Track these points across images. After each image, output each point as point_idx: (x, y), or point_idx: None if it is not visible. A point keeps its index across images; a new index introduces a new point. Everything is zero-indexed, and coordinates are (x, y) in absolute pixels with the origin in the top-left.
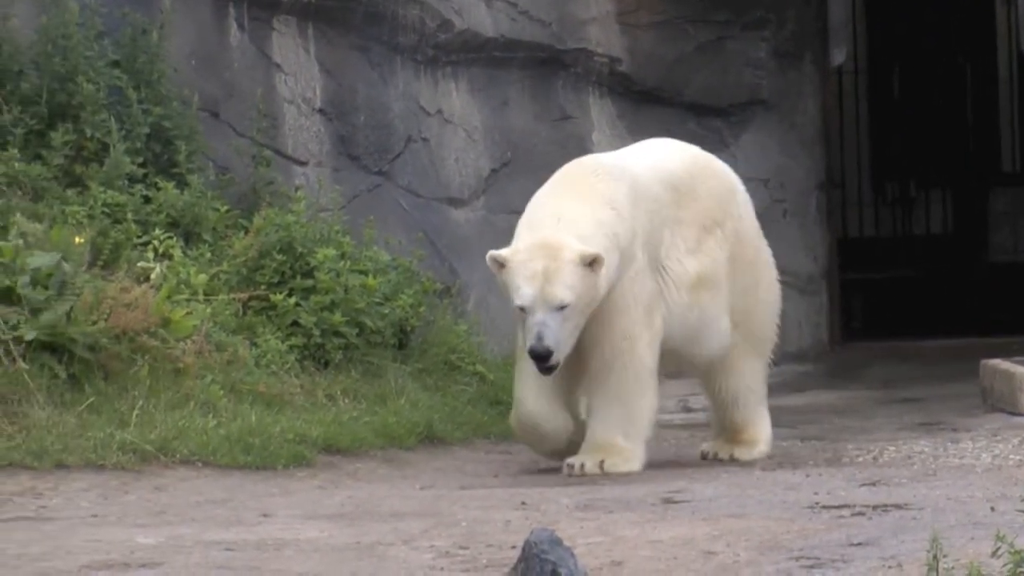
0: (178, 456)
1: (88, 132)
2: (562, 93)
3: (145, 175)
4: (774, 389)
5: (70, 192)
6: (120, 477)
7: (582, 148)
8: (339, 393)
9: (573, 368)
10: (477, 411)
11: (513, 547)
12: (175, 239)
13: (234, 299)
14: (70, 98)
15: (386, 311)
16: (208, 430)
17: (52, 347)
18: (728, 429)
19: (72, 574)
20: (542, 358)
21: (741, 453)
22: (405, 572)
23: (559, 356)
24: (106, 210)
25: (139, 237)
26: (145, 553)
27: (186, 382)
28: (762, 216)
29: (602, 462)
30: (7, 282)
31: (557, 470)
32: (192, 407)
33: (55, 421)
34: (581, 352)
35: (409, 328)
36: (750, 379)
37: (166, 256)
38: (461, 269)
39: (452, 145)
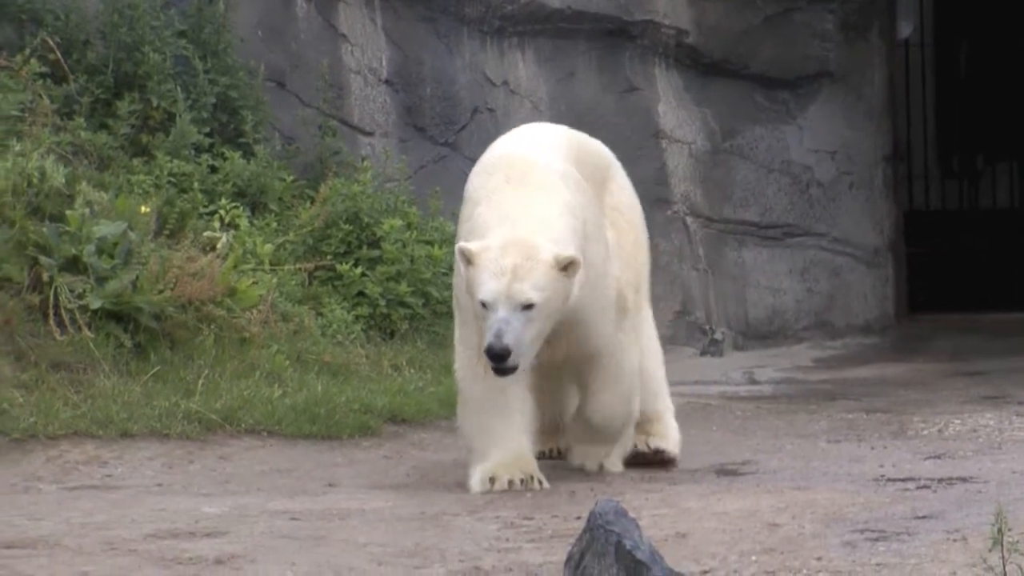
0: (243, 426)
1: (154, 101)
2: (629, 65)
3: (211, 145)
4: (840, 361)
5: (136, 161)
6: (185, 446)
7: (649, 120)
8: (404, 363)
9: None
10: None
11: (578, 518)
12: (241, 209)
13: (300, 269)
14: (136, 67)
15: (452, 281)
16: (273, 400)
17: (118, 316)
18: (639, 420)
19: (137, 543)
20: (499, 357)
21: (658, 442)
22: (470, 542)
23: (516, 359)
24: (172, 179)
25: (205, 206)
26: (210, 522)
27: (251, 352)
28: (828, 188)
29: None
30: (73, 251)
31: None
32: (257, 377)
33: (120, 390)
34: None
35: None
36: (654, 362)
37: (232, 226)
38: None
39: (518, 116)
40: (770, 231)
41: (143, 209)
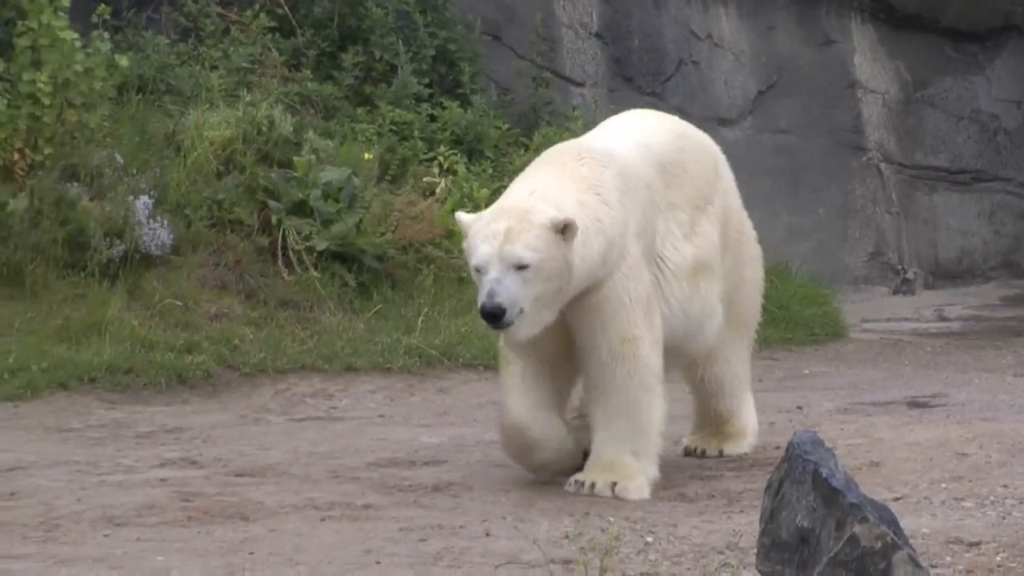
0: (460, 360)
1: (377, 54)
2: (825, 19)
3: (431, 95)
4: None
5: (360, 111)
6: (406, 380)
7: (845, 72)
8: None
9: (565, 372)
10: None
11: (777, 448)
12: (459, 155)
13: None
14: (360, 22)
15: None
16: (489, 336)
17: (342, 257)
18: (713, 420)
19: (360, 471)
20: (492, 317)
21: (731, 448)
22: (675, 470)
23: (513, 316)
24: (394, 128)
25: (425, 153)
26: (428, 452)
27: (468, 290)
28: (1015, 136)
29: (614, 484)
30: (300, 195)
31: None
32: (474, 314)
33: (345, 327)
34: (576, 359)
35: None
36: (736, 365)
37: (450, 171)
38: None
39: (721, 68)
40: (959, 176)
41: (366, 156)
